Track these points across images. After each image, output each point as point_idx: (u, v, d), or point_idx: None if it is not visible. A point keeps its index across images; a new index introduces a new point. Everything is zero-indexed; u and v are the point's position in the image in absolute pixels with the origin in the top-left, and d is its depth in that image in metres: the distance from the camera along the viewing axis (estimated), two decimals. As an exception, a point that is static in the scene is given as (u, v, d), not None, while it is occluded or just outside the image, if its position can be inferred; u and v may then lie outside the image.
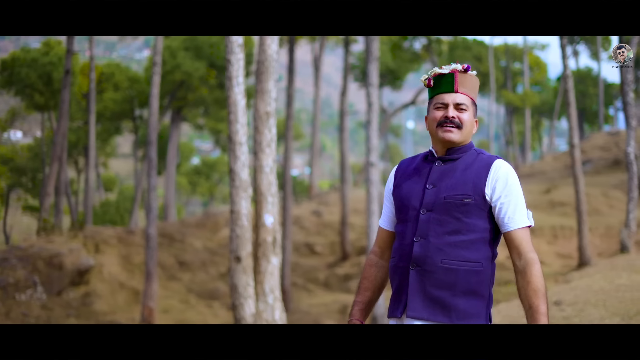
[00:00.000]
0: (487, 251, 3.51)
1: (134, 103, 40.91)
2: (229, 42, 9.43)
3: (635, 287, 9.33)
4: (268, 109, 9.75)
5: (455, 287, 3.43)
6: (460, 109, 3.62)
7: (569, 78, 21.88)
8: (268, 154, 9.72)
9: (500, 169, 3.53)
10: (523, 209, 3.52)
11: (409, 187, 3.68)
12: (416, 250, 3.50)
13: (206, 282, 27.80)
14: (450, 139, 3.59)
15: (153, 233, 23.50)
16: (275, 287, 9.69)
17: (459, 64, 3.68)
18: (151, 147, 21.88)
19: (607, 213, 29.08)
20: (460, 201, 3.48)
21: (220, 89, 37.39)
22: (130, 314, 24.52)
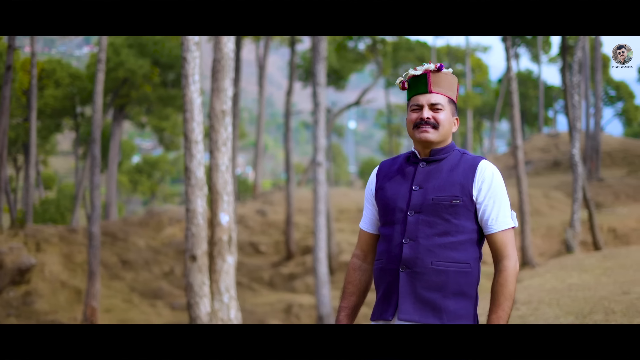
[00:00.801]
0: (475, 252, 3.54)
1: (76, 100, 40.41)
2: (185, 40, 9.38)
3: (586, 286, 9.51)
4: (224, 107, 9.73)
5: (445, 288, 3.43)
6: (436, 109, 3.61)
7: (513, 80, 22.20)
8: (224, 152, 9.70)
9: (486, 170, 3.55)
10: (507, 211, 3.55)
11: (393, 189, 3.67)
12: (406, 252, 3.49)
13: (149, 281, 27.58)
14: (427, 139, 3.59)
15: (96, 232, 23.23)
16: (230, 286, 9.67)
17: (432, 64, 3.67)
18: (95, 145, 21.65)
19: (548, 214, 29.58)
20: (449, 202, 3.49)
21: (164, 87, 37.14)
22: (72, 314, 24.23)
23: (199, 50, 9.43)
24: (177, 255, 29.58)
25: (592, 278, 10.35)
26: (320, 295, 20.10)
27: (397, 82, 3.80)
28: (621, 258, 12.44)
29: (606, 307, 7.84)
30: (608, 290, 8.91)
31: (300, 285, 27.00)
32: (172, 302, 25.86)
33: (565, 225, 26.14)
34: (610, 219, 26.27)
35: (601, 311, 7.72)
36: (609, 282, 9.65)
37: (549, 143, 47.44)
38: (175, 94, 37.15)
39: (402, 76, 3.79)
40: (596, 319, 7.43)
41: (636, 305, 7.64)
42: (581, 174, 18.71)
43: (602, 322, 7.29)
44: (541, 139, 49.08)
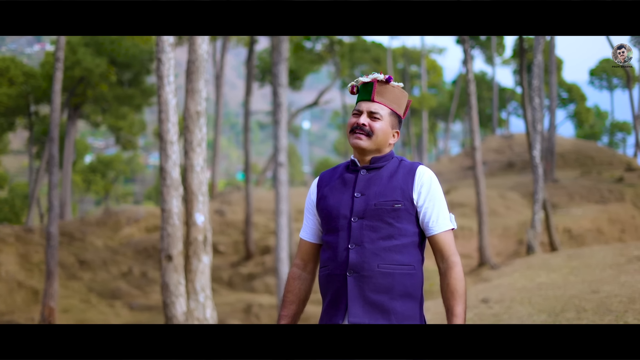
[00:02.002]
0: (418, 254, 3.61)
1: (30, 99, 39.96)
2: (160, 40, 9.41)
3: (556, 285, 9.72)
4: (199, 108, 9.77)
5: (392, 290, 3.49)
6: (374, 117, 3.66)
7: (471, 82, 22.44)
8: (199, 153, 9.73)
9: (424, 175, 3.62)
10: (446, 213, 3.64)
11: (335, 197, 3.72)
12: (352, 257, 3.54)
13: (107, 281, 27.43)
14: (357, 145, 3.66)
15: (54, 231, 23.02)
16: (206, 286, 9.72)
17: (382, 75, 3.72)
18: (53, 144, 21.46)
19: (504, 214, 29.91)
20: (391, 207, 3.55)
21: (120, 86, 36.90)
22: (29, 314, 24.03)
23: (173, 51, 9.47)
24: (136, 255, 29.46)
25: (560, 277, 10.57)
26: (282, 295, 20.17)
27: (348, 86, 3.85)
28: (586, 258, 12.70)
29: (577, 306, 8.03)
30: (577, 289, 9.12)
31: (260, 285, 27.04)
32: (130, 302, 25.75)
33: (521, 225, 26.53)
34: (565, 220, 26.66)
35: (573, 309, 7.91)
36: (577, 281, 9.87)
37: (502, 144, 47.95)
38: (132, 93, 36.96)
39: (354, 81, 3.83)
40: (569, 317, 7.61)
41: (606, 303, 7.84)
42: (541, 175, 18.98)
43: (575, 320, 7.47)
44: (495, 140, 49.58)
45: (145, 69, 36.93)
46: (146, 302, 25.59)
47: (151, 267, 28.59)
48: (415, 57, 57.43)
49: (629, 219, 28.01)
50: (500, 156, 45.65)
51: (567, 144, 45.32)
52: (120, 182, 74.64)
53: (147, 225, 33.27)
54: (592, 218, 26.82)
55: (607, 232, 25.99)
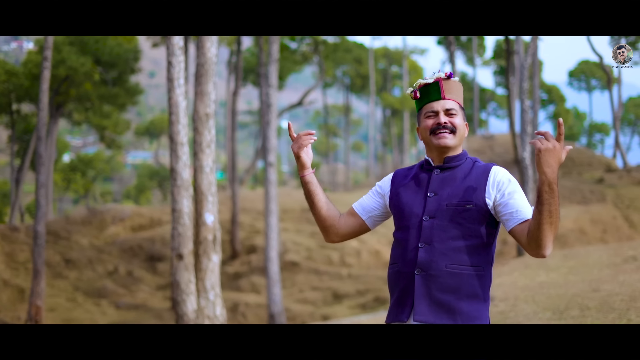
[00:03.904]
0: (487, 255, 3.59)
1: (12, 97, 39.81)
2: (171, 44, 9.52)
3: (557, 284, 9.92)
4: (208, 110, 9.89)
5: (459, 290, 3.49)
6: (451, 114, 3.70)
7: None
8: (208, 154, 9.85)
9: (498, 173, 3.61)
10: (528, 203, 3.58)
11: (408, 196, 3.74)
12: (421, 255, 3.54)
13: (93, 280, 27.43)
14: (446, 144, 3.67)
15: (41, 230, 23.04)
16: (215, 284, 9.86)
17: (442, 72, 3.76)
18: (40, 143, 21.56)
19: (488, 214, 30.10)
20: (463, 207, 3.55)
21: (104, 85, 36.86)
22: (16, 313, 24.00)
23: (183, 54, 9.60)
24: (121, 254, 29.49)
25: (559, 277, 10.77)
26: (271, 294, 20.29)
27: (409, 92, 3.85)
28: (582, 257, 12.92)
29: (580, 304, 8.24)
30: (578, 287, 9.33)
31: (246, 284, 27.13)
32: (116, 300, 25.77)
33: (504, 226, 26.74)
34: (549, 220, 26.84)
35: (576, 307, 8.12)
36: (577, 281, 10.08)
37: (483, 145, 48.18)
38: (116, 92, 36.92)
39: (413, 86, 3.85)
40: (573, 315, 7.81)
41: (608, 302, 8.06)
42: (531, 176, 19.19)
43: (579, 317, 7.67)
44: (476, 141, 49.80)
45: (130, 68, 36.91)
46: (132, 300, 25.63)
47: (137, 266, 28.63)
48: (397, 57, 57.63)
49: (611, 220, 28.32)
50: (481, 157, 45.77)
51: (547, 145, 45.51)
52: (100, 181, 74.38)
53: (132, 225, 33.29)
54: (575, 218, 27.10)
55: (589, 232, 26.27)
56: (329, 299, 24.91)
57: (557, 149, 3.25)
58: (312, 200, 3.92)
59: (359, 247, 28.00)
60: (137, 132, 69.22)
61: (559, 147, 3.26)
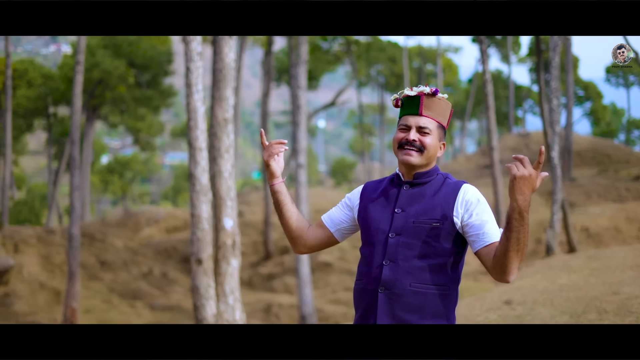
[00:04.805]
0: (454, 275, 3.52)
1: (48, 100, 40.29)
2: (189, 50, 9.59)
3: (577, 286, 9.86)
4: (226, 115, 9.95)
5: (423, 310, 3.42)
6: (423, 132, 3.59)
7: (488, 82, 22.50)
8: (227, 159, 9.90)
9: (468, 192, 3.54)
10: (496, 225, 3.51)
11: (376, 211, 3.67)
12: (385, 273, 3.48)
13: (128, 281, 27.67)
14: (409, 161, 3.59)
15: (76, 232, 23.28)
16: (235, 288, 9.91)
17: (428, 87, 3.65)
18: (74, 146, 21.76)
19: (521, 213, 29.84)
20: (430, 225, 3.48)
21: (139, 87, 37.17)
22: (52, 315, 24.25)
23: (201, 60, 9.65)
24: (156, 256, 29.70)
25: (581, 279, 10.70)
26: (302, 295, 20.35)
27: (392, 99, 3.79)
28: (606, 259, 12.80)
29: (598, 307, 8.18)
30: (598, 290, 9.26)
31: (279, 285, 27.20)
32: (151, 302, 25.97)
33: (539, 224, 26.52)
34: (583, 219, 26.60)
35: (594, 311, 8.06)
36: (597, 283, 10.00)
37: (519, 143, 47.77)
38: (150, 94, 37.21)
39: (397, 94, 3.77)
40: (590, 318, 7.76)
41: (627, 305, 7.99)
42: (560, 176, 19.02)
43: (596, 321, 7.61)
44: (512, 139, 49.40)
45: (163, 71, 37.21)
46: (167, 302, 25.81)
47: (171, 267, 28.82)
48: (431, 56, 57.41)
49: (647, 218, 27.97)
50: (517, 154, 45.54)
51: (584, 142, 45.11)
52: (137, 182, 74.92)
53: (167, 226, 33.52)
54: (610, 217, 26.78)
55: (625, 231, 25.95)
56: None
57: (533, 177, 3.17)
58: (281, 210, 3.85)
59: (391, 247, 27.97)
60: (174, 134, 69.58)
61: (535, 174, 3.18)
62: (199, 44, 9.58)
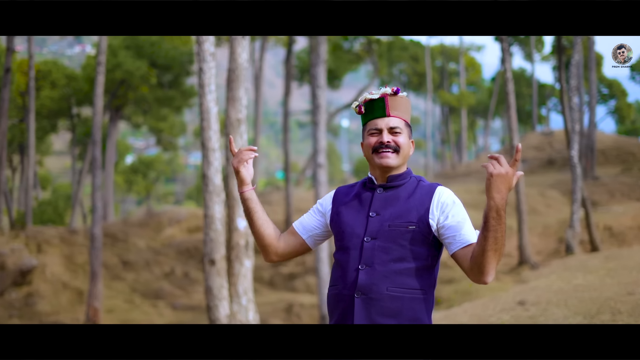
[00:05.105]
0: (430, 279, 3.47)
1: (72, 101, 40.53)
2: (201, 50, 9.59)
3: (592, 287, 9.78)
4: (239, 116, 9.95)
5: (401, 315, 3.38)
6: (395, 132, 3.58)
7: (509, 81, 22.38)
8: (240, 160, 9.87)
9: (443, 194, 3.51)
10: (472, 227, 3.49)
11: (350, 215, 3.63)
12: (362, 278, 3.43)
13: (150, 281, 27.78)
14: (388, 164, 3.56)
15: (98, 233, 23.40)
16: (248, 289, 9.91)
17: (388, 88, 3.62)
18: (96, 147, 21.84)
19: (544, 212, 29.75)
20: (405, 228, 3.44)
21: (161, 87, 37.29)
22: (74, 314, 24.38)
23: (214, 60, 9.66)
24: (178, 256, 29.79)
25: (596, 279, 10.61)
26: (322, 294, 20.33)
27: (354, 107, 3.75)
28: (623, 259, 12.70)
29: (612, 308, 8.11)
30: (613, 291, 9.18)
31: (301, 284, 27.21)
32: (173, 302, 26.07)
33: (561, 223, 26.38)
34: (606, 218, 26.43)
35: (608, 311, 8.00)
36: (613, 283, 9.92)
37: (543, 141, 47.56)
38: (172, 95, 37.33)
39: (358, 100, 3.74)
40: (603, 319, 7.69)
41: (641, 305, 7.94)
42: (580, 175, 18.90)
43: (609, 322, 7.56)
44: (535, 138, 49.15)
45: (185, 71, 37.30)
46: (189, 302, 25.90)
47: (193, 267, 28.90)
48: (454, 54, 57.27)
49: (672, 217, 27.73)
50: (540, 153, 45.25)
51: (608, 141, 44.76)
52: (162, 182, 75.25)
53: (188, 226, 33.62)
54: (633, 215, 26.56)
55: (649, 230, 25.76)
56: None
57: (509, 175, 3.13)
58: (251, 217, 3.79)
59: (413, 247, 27.84)
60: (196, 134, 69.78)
61: (512, 172, 3.14)
62: (211, 45, 9.58)
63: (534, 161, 43.50)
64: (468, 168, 45.52)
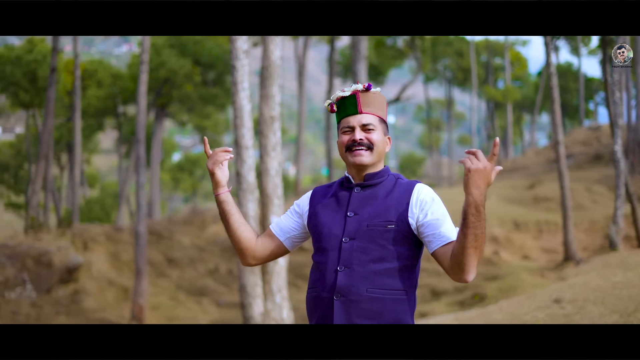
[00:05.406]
0: (411, 279, 3.39)
1: (117, 100, 40.95)
2: (234, 48, 9.60)
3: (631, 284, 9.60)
4: (273, 113, 9.95)
5: (381, 316, 3.30)
6: (368, 129, 3.49)
7: (553, 75, 22.10)
8: (273, 157, 9.89)
9: (422, 192, 3.42)
10: (452, 224, 3.40)
11: (327, 216, 3.55)
12: (340, 279, 3.35)
13: (195, 278, 27.92)
14: (361, 162, 3.48)
15: (142, 230, 23.61)
16: (282, 287, 9.88)
17: (360, 84, 3.54)
18: (139, 145, 22.00)
19: (590, 208, 29.38)
20: (384, 228, 3.36)
21: (205, 86, 37.49)
22: (120, 311, 24.59)
23: (247, 58, 9.65)
24: (222, 253, 29.92)
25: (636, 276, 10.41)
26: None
27: (326, 105, 3.68)
28: (666, 255, 12.49)
29: (651, 306, 7.98)
30: (652, 288, 9.04)
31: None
32: (218, 299, 26.18)
33: (608, 219, 26.00)
34: (654, 213, 26.03)
35: (646, 310, 7.86)
36: (653, 281, 9.77)
37: (590, 136, 46.95)
38: (216, 92, 37.52)
39: (330, 99, 3.65)
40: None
41: (680, 303, 7.78)
42: (624, 170, 18.59)
43: (647, 321, 7.42)
44: (582, 132, 48.56)
45: (229, 69, 37.44)
46: (233, 299, 25.98)
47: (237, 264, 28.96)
48: (499, 49, 56.77)
49: None
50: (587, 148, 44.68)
51: (657, 135, 44.09)
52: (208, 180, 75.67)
53: (232, 224, 33.76)
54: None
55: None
56: (427, 296, 24.65)
57: (488, 170, 3.04)
58: (227, 220, 3.72)
59: (457, 243, 27.60)
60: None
61: (490, 167, 3.05)
62: (244, 42, 9.58)
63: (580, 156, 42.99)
64: (514, 164, 45.07)
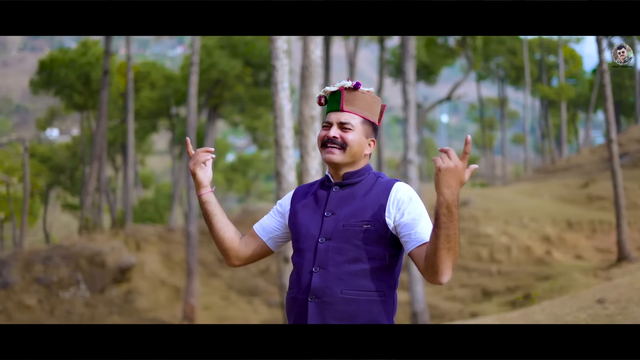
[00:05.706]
0: (389, 279, 3.31)
1: (170, 101, 41.33)
2: (274, 48, 9.61)
3: (678, 284, 9.44)
4: (313, 112, 9.94)
5: (356, 318, 3.22)
6: (345, 128, 3.40)
7: (606, 72, 21.76)
8: (314, 157, 9.86)
9: (399, 191, 3.33)
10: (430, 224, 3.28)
11: (306, 216, 3.48)
12: (315, 281, 3.28)
13: (246, 279, 28.07)
14: (331, 160, 3.41)
15: (194, 231, 23.81)
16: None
17: (349, 81, 3.45)
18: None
19: (645, 207, 28.92)
20: (360, 228, 3.28)
21: (256, 86, 37.64)
22: (172, 311, 24.83)
23: (287, 58, 9.65)
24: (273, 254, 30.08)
25: (684, 276, 10.25)
26: (413, 292, 20.16)
27: (316, 97, 3.59)
28: None
29: (697, 307, 7.81)
30: (699, 288, 8.85)
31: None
32: (268, 299, 26.30)
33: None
34: None
35: (692, 311, 7.70)
36: (700, 281, 9.57)
37: (645, 134, 46.23)
38: (267, 93, 37.66)
39: (322, 91, 3.58)
40: (686, 319, 7.41)
41: None
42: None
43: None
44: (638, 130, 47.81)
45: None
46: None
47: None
48: (553, 46, 56.11)
49: None
50: (643, 147, 44.00)
51: None
52: (261, 180, 76.02)
53: (284, 223, 33.88)
54: None
55: None
56: (478, 296, 24.48)
57: (459, 169, 2.96)
58: (211, 221, 3.65)
59: (508, 243, 27.36)
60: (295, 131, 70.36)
61: (462, 166, 2.97)
62: (284, 42, 9.58)
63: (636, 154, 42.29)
64: (568, 162, 44.51)
